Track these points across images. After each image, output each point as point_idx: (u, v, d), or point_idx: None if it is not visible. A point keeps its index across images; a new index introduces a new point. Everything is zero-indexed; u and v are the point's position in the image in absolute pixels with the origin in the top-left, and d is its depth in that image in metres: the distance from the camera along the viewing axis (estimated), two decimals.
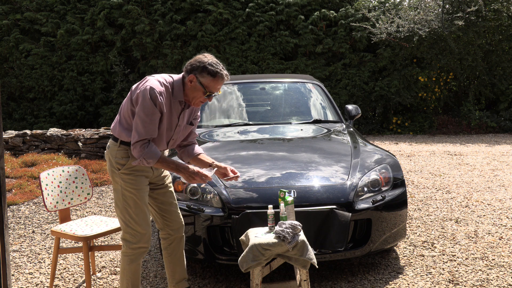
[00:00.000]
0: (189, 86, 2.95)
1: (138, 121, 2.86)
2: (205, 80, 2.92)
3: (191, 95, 2.97)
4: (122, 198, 3.02)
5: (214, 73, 2.91)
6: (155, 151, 2.90)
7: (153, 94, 2.85)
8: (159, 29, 13.38)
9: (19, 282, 3.91)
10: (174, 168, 2.96)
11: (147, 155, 2.87)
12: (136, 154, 2.89)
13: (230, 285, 3.74)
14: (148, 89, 2.86)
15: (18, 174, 7.34)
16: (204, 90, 2.93)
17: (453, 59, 12.95)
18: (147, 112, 2.84)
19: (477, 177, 7.27)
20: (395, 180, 3.96)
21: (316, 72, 13.22)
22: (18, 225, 5.38)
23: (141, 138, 2.86)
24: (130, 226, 3.03)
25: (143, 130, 2.85)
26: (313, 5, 13.65)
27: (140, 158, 2.88)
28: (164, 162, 2.95)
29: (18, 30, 14.10)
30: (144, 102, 2.84)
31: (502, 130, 12.75)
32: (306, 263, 2.99)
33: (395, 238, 3.93)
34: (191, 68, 2.95)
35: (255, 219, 3.45)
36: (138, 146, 2.87)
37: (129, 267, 3.08)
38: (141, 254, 3.09)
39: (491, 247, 4.40)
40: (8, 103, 14.32)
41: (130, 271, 3.08)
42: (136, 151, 2.88)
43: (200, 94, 2.95)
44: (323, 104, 5.68)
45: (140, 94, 2.88)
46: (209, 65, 2.91)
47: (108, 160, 3.09)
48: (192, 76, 2.92)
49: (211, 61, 2.93)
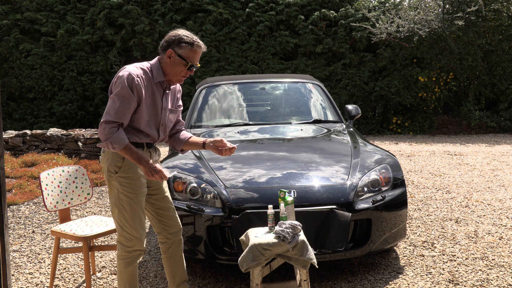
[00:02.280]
0: (168, 63, 2.96)
1: (110, 103, 2.86)
2: (184, 52, 2.93)
3: (171, 71, 2.98)
4: (118, 202, 3.00)
5: (191, 43, 2.93)
6: (123, 137, 2.85)
7: (129, 77, 2.86)
8: (159, 29, 13.38)
9: (19, 282, 3.91)
10: (136, 159, 2.89)
11: (114, 139, 2.83)
12: (103, 136, 2.85)
13: (230, 285, 3.74)
14: (125, 74, 2.87)
15: (18, 174, 7.34)
16: (185, 62, 2.94)
17: (453, 59, 12.95)
18: (120, 95, 2.84)
19: (477, 177, 7.27)
20: (395, 180, 3.96)
21: (316, 72, 13.22)
22: (18, 225, 5.38)
23: (109, 119, 2.84)
24: (125, 230, 3.01)
25: (112, 112, 2.83)
26: (313, 5, 13.65)
27: (107, 142, 2.84)
28: (129, 150, 2.87)
29: (18, 30, 14.10)
30: (120, 85, 2.85)
31: (502, 130, 12.75)
32: (306, 263, 2.99)
33: (395, 238, 3.93)
34: (167, 44, 2.96)
35: (255, 219, 3.45)
36: (107, 128, 2.83)
37: (126, 270, 3.07)
38: (137, 257, 3.08)
39: (491, 247, 4.40)
40: (8, 103, 14.32)
41: (127, 274, 3.07)
42: (104, 132, 2.84)
43: (181, 67, 2.96)
44: (323, 104, 5.68)
45: (117, 79, 2.88)
46: (184, 36, 2.93)
47: (103, 164, 3.06)
48: (170, 51, 2.93)
49: (185, 33, 2.95)
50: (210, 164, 4.01)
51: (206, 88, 5.73)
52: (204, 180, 3.80)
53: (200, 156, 4.18)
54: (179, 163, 4.11)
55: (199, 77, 13.20)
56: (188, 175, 3.87)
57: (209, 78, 6.26)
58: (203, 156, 4.17)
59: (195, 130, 5.12)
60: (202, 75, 13.21)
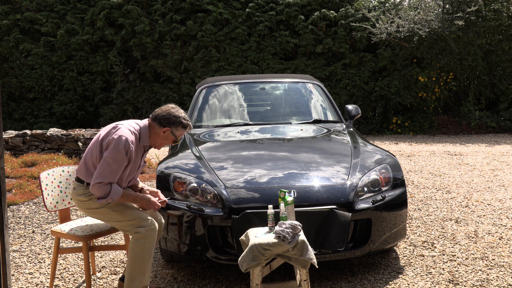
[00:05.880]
0: (161, 136, 3.36)
1: (105, 165, 3.17)
2: (179, 132, 3.39)
3: (160, 142, 3.40)
4: (112, 211, 3.31)
5: (186, 126, 3.40)
6: (119, 190, 3.23)
7: (126, 144, 3.19)
8: (159, 29, 13.38)
9: (19, 282, 3.91)
10: (133, 200, 3.32)
11: (114, 194, 3.20)
12: (102, 194, 3.18)
13: (230, 285, 3.74)
14: (123, 139, 3.19)
15: (18, 174, 7.34)
16: (175, 139, 3.41)
17: (453, 59, 12.95)
18: (116, 159, 3.17)
19: (477, 177, 7.27)
20: (395, 180, 3.96)
21: (316, 72, 13.21)
22: (18, 225, 5.38)
23: (105, 181, 3.16)
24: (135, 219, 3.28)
25: (109, 174, 3.16)
26: (313, 5, 13.65)
27: (108, 197, 3.19)
28: (125, 196, 3.29)
29: (18, 30, 14.10)
30: (116, 149, 3.16)
31: (502, 130, 12.75)
32: (306, 263, 2.99)
33: (395, 238, 3.93)
34: (166, 122, 3.34)
35: (255, 219, 3.44)
36: (103, 186, 3.17)
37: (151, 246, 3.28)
38: (155, 232, 3.32)
39: (491, 247, 4.40)
40: (8, 103, 14.32)
41: (151, 251, 3.28)
42: (101, 190, 3.17)
43: (169, 141, 3.41)
44: (323, 104, 5.68)
45: (112, 141, 3.19)
46: (183, 119, 3.37)
47: (81, 201, 3.34)
48: (167, 129, 3.34)
49: (183, 115, 3.39)
50: (210, 164, 4.01)
51: (206, 88, 5.73)
52: (204, 180, 3.80)
53: (200, 156, 4.18)
54: (179, 163, 4.11)
55: (199, 77, 13.20)
56: (188, 175, 3.87)
57: (209, 78, 6.26)
58: (203, 156, 4.17)
59: (195, 130, 5.12)
60: (202, 75, 13.21)
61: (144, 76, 13.94)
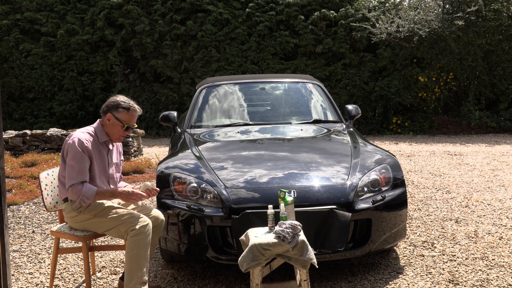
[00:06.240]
0: (108, 124, 3.46)
1: (69, 169, 3.29)
2: (121, 115, 3.44)
3: (111, 131, 3.47)
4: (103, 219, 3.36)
5: (128, 107, 3.46)
6: (90, 187, 3.32)
7: (79, 142, 3.32)
8: (159, 29, 13.38)
9: (19, 282, 3.91)
10: (111, 195, 3.40)
11: (86, 194, 3.28)
12: (75, 196, 3.29)
13: (230, 285, 3.74)
14: (75, 140, 3.33)
15: (18, 174, 7.34)
16: (122, 124, 3.45)
17: (453, 59, 12.95)
18: (76, 159, 3.29)
19: (477, 177, 7.27)
20: (395, 180, 3.96)
21: (316, 72, 13.22)
22: (18, 225, 5.38)
23: (73, 183, 3.27)
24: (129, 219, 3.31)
25: (75, 174, 3.27)
26: (313, 5, 13.65)
27: (80, 198, 3.28)
28: (101, 194, 3.36)
29: (18, 30, 14.10)
30: (72, 150, 3.30)
31: (502, 130, 12.75)
32: (306, 263, 2.99)
33: (395, 238, 3.93)
34: (107, 108, 3.47)
35: (255, 219, 3.44)
36: (74, 189, 3.27)
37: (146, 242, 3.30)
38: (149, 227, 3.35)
39: (491, 247, 4.40)
40: (8, 103, 14.32)
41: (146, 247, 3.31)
42: (74, 193, 3.28)
43: (118, 128, 3.46)
44: (323, 104, 5.68)
45: (68, 146, 3.34)
46: (122, 101, 3.45)
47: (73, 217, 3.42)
48: (109, 114, 3.44)
49: (123, 99, 3.48)
50: (210, 164, 4.01)
51: (206, 88, 5.73)
52: (204, 180, 3.79)
53: (200, 156, 4.18)
54: (179, 163, 4.11)
55: (199, 77, 13.20)
56: (188, 175, 3.87)
57: (209, 78, 6.26)
58: (203, 156, 4.17)
59: (195, 130, 5.12)
60: (202, 75, 13.21)
61: (144, 76, 13.94)
